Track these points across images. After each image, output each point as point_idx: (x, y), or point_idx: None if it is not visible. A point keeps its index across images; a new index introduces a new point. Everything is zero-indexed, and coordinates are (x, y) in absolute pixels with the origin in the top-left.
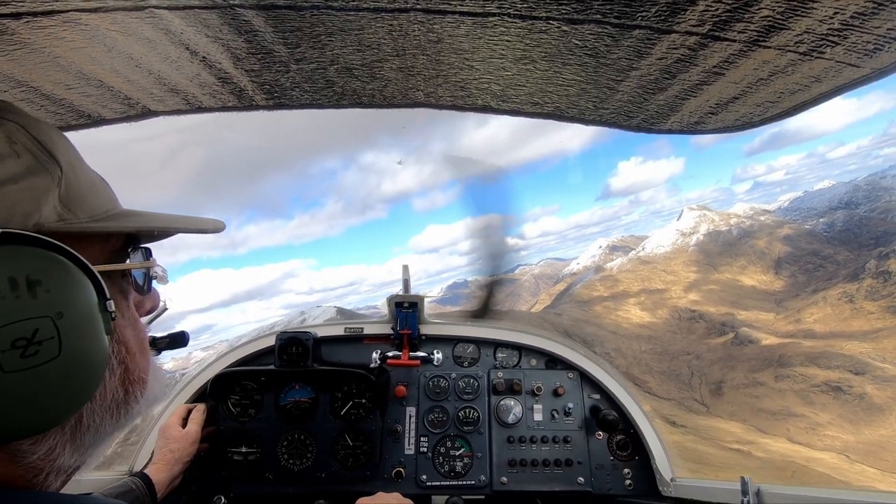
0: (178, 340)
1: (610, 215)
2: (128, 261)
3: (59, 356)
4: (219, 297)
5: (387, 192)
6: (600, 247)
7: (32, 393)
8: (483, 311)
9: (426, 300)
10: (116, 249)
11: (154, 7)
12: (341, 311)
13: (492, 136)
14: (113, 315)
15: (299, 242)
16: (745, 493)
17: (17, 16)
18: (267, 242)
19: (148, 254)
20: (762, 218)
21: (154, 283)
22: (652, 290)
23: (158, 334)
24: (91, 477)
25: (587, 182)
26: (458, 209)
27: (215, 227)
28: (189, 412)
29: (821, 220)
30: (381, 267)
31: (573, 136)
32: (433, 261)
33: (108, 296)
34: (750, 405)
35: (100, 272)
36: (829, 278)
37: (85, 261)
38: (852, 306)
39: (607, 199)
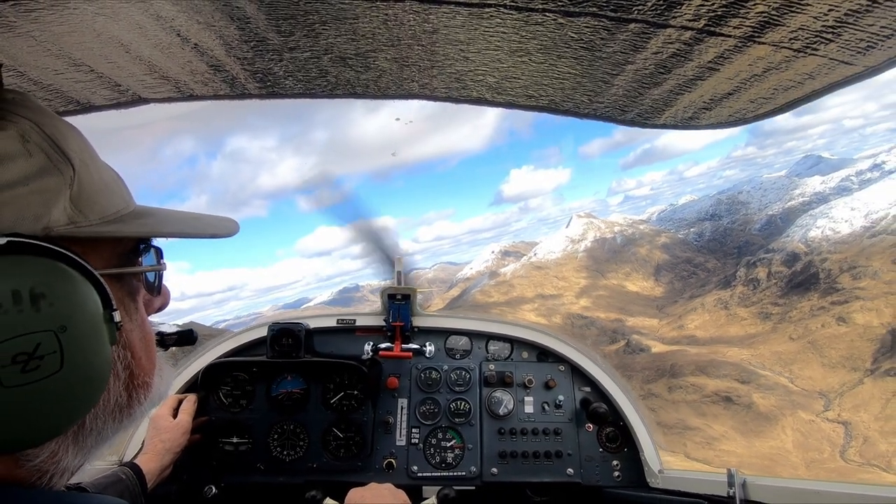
0: (187, 338)
1: (501, 221)
2: (140, 260)
3: (61, 371)
4: None
5: (265, 186)
6: (493, 252)
7: (33, 407)
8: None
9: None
10: (128, 251)
11: None
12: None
13: (383, 126)
14: (119, 325)
15: (160, 241)
16: (731, 484)
17: None
18: None
19: (160, 254)
20: (642, 227)
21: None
22: (546, 295)
23: (166, 330)
24: None
25: (481, 187)
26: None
27: (228, 231)
28: (180, 402)
29: (691, 229)
30: (265, 270)
31: (469, 136)
32: (324, 264)
33: (115, 305)
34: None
35: (110, 274)
36: (702, 285)
37: (92, 269)
38: (727, 313)
39: (499, 204)
